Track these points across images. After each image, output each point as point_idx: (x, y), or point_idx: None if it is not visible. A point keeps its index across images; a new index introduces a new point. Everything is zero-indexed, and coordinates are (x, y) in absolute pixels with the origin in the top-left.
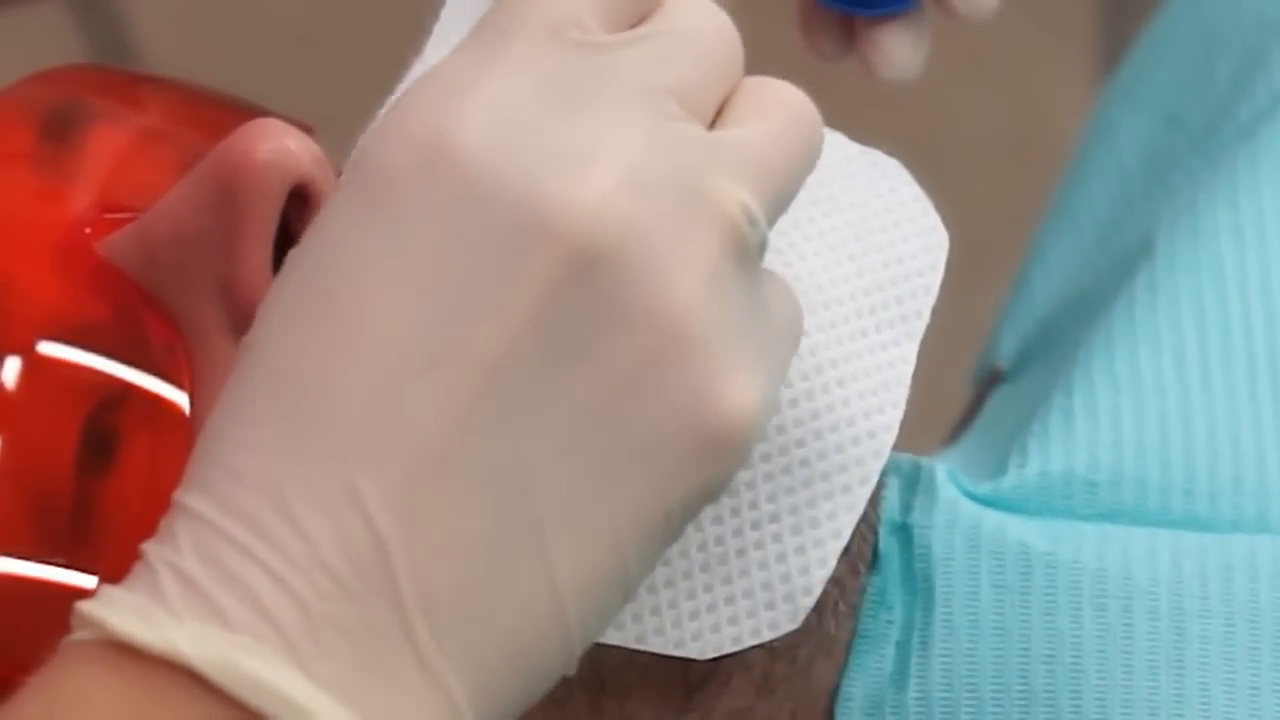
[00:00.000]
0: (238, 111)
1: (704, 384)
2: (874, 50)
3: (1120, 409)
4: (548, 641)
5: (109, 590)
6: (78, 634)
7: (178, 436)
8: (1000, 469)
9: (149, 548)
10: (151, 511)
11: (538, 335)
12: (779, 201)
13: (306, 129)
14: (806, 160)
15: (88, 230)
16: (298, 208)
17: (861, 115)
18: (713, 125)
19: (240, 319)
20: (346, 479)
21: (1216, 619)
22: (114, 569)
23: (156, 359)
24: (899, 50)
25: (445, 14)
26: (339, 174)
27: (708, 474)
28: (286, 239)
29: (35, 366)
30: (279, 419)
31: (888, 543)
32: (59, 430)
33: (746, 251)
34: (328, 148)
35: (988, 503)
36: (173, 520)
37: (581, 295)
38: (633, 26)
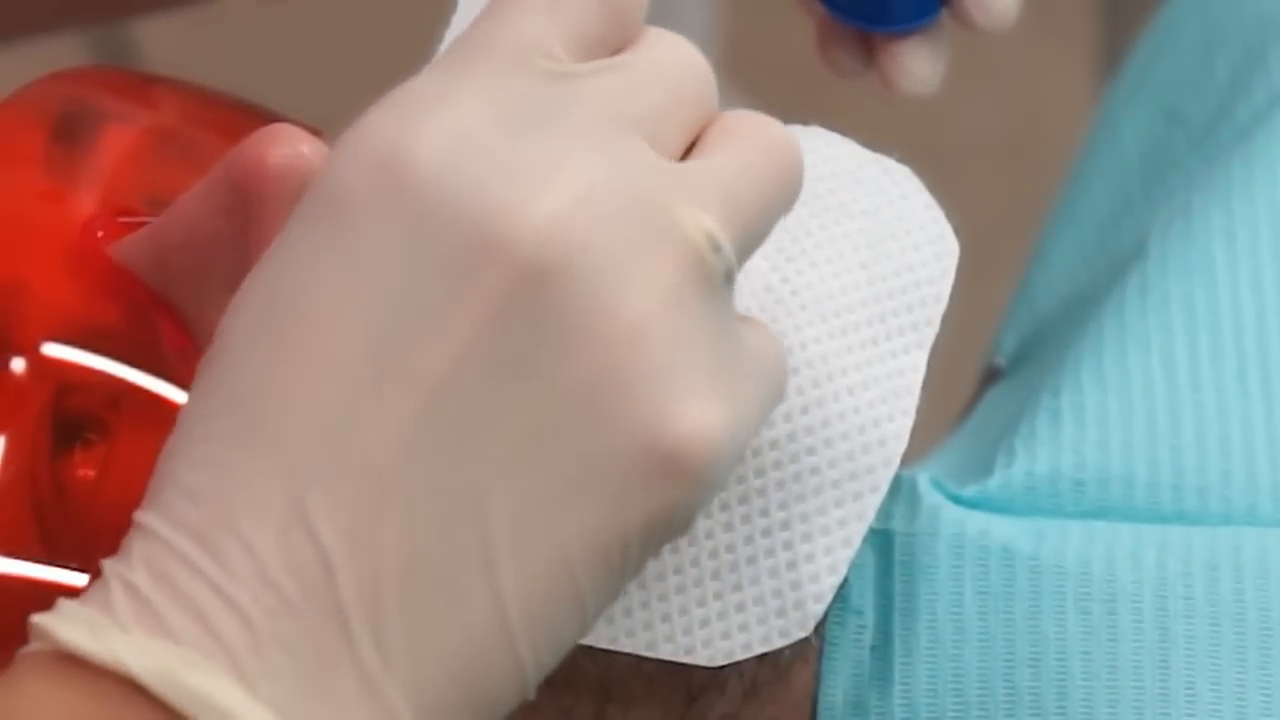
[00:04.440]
0: (250, 114)
1: (658, 405)
2: (893, 66)
3: (1108, 409)
4: (495, 665)
5: (64, 603)
6: (32, 645)
7: None
8: (987, 470)
9: (106, 564)
10: None
11: (485, 353)
12: (750, 235)
13: (316, 133)
14: (781, 192)
15: (100, 233)
16: None
17: (860, 115)
18: (683, 159)
19: None
20: (295, 496)
21: (1201, 618)
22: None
23: (169, 363)
24: (918, 65)
25: (456, 20)
26: None
27: (667, 500)
28: None
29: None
30: (232, 436)
31: (861, 549)
32: (37, 425)
33: (710, 278)
34: None
35: (973, 505)
36: (130, 538)
37: (530, 313)
38: (605, 58)
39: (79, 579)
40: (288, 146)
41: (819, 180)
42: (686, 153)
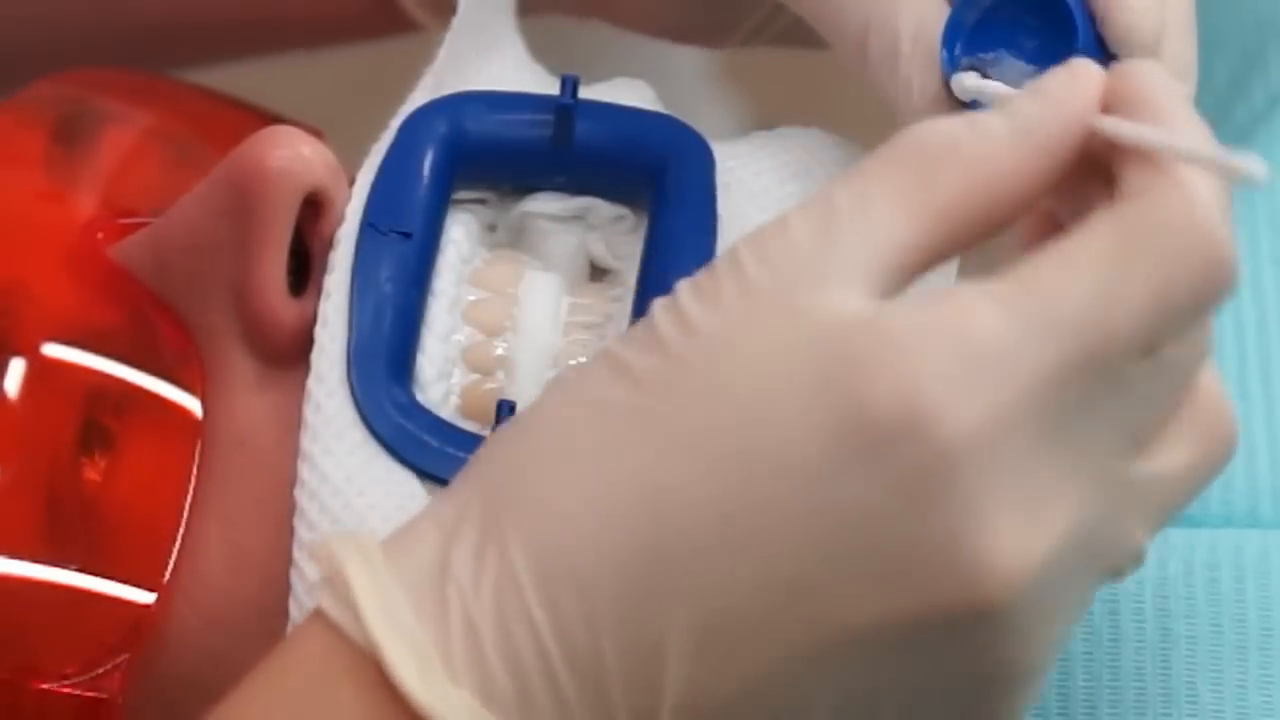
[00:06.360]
0: (250, 115)
1: (1013, 695)
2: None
3: None
4: None
5: (388, 587)
6: (337, 611)
7: (187, 442)
8: None
9: (435, 518)
10: (157, 515)
11: (892, 638)
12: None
13: (316, 134)
14: (1210, 483)
15: (100, 235)
16: (311, 214)
17: (861, 117)
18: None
19: (253, 326)
20: (662, 642)
21: (1202, 618)
22: (120, 570)
23: (168, 365)
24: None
25: (458, 22)
26: (351, 181)
27: None
28: (300, 246)
29: (42, 369)
30: (638, 542)
31: None
32: (61, 429)
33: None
34: (334, 151)
35: None
36: (485, 539)
37: (953, 634)
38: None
39: (79, 579)
40: (288, 149)
41: (818, 185)
42: None
